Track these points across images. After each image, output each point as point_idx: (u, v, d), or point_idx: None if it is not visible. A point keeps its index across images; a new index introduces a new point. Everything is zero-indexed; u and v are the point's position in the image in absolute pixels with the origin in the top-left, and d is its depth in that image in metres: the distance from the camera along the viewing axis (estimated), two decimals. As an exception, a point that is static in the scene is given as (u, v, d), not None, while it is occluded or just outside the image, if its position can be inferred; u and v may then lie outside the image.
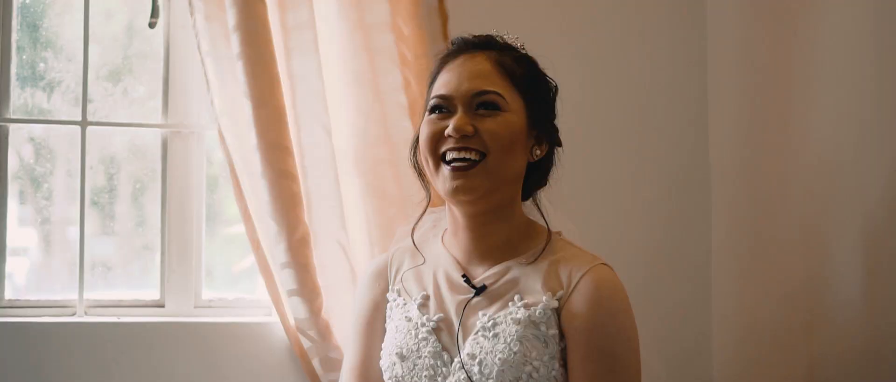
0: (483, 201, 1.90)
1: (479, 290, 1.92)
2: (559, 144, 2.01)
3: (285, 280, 2.47)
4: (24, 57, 2.67)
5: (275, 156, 2.45)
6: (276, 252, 2.47)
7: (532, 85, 1.94)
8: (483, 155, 1.87)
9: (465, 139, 1.87)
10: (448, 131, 1.88)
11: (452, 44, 2.00)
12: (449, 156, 1.89)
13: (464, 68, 1.92)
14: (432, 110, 1.94)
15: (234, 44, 2.45)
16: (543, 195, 2.03)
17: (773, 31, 2.63)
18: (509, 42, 1.99)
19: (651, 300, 2.73)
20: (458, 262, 1.97)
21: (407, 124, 2.55)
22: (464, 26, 2.21)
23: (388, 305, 2.03)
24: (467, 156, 1.88)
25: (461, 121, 1.88)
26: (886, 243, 2.27)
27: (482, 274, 1.94)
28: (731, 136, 2.79)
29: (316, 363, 2.48)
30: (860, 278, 2.34)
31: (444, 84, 1.93)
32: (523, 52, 1.99)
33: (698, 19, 2.87)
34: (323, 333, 2.48)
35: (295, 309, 2.48)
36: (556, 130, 2.00)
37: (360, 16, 2.55)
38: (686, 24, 2.87)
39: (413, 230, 2.05)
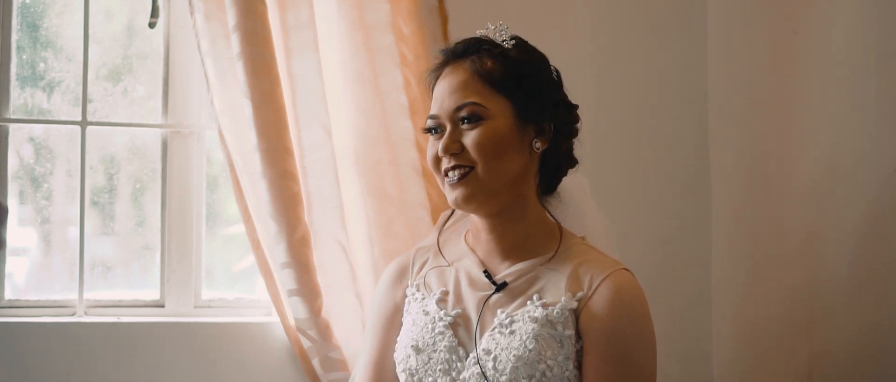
0: (486, 207, 1.93)
1: (500, 287, 1.93)
2: (571, 123, 1.99)
3: (285, 280, 2.47)
4: (24, 57, 2.67)
5: (275, 156, 2.45)
6: (276, 252, 2.47)
7: (515, 81, 1.93)
8: (473, 168, 1.90)
9: (454, 157, 1.91)
10: (438, 151, 1.93)
11: (441, 54, 2.01)
12: (448, 173, 1.93)
13: (445, 83, 1.95)
14: (428, 131, 1.97)
15: (234, 44, 2.45)
16: (575, 187, 2.03)
17: (773, 31, 2.63)
18: (493, 38, 1.97)
19: (651, 300, 2.72)
20: (481, 260, 1.99)
21: (407, 124, 2.55)
22: (464, 26, 2.22)
23: (406, 300, 2.05)
24: (461, 171, 1.91)
25: (446, 142, 1.92)
26: (886, 242, 2.27)
27: (503, 272, 1.96)
28: (731, 136, 2.79)
29: (316, 363, 2.48)
30: (860, 278, 2.34)
31: (434, 103, 1.97)
32: (508, 45, 1.96)
33: (698, 19, 2.87)
34: (323, 333, 2.48)
35: (295, 309, 2.48)
36: (561, 112, 1.97)
37: (360, 16, 2.55)
38: (686, 24, 2.87)
39: (440, 232, 2.07)
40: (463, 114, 1.91)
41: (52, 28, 2.71)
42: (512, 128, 1.91)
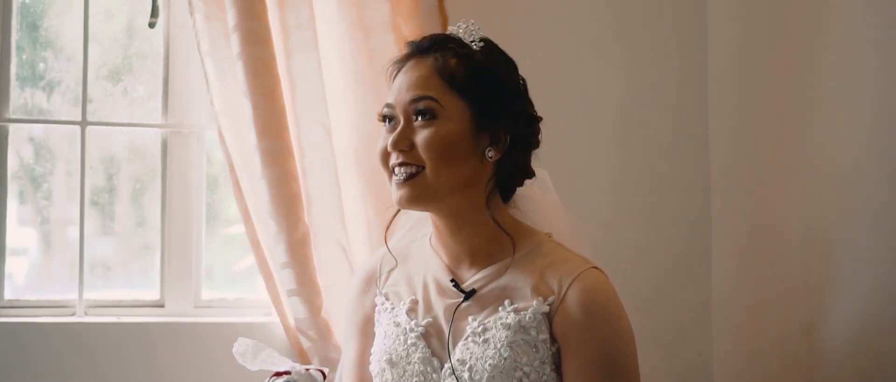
0: (433, 208, 1.89)
1: (469, 295, 1.90)
2: (529, 135, 1.92)
3: (285, 279, 2.47)
4: (24, 57, 2.67)
5: (275, 156, 2.45)
6: (276, 252, 2.47)
7: (477, 84, 1.87)
8: (421, 168, 1.86)
9: (402, 153, 1.86)
10: (388, 146, 1.88)
11: (407, 46, 1.96)
12: (395, 170, 1.88)
13: (406, 76, 1.89)
14: (382, 119, 1.92)
15: (234, 44, 2.45)
16: (536, 187, 1.99)
17: (774, 32, 2.63)
18: (462, 37, 1.92)
19: (651, 301, 2.73)
20: (447, 266, 1.95)
21: (407, 124, 2.55)
22: (464, 26, 2.21)
23: (376, 310, 2.01)
24: (408, 170, 1.86)
25: (398, 137, 1.86)
26: (887, 242, 2.27)
27: (471, 278, 1.92)
28: (731, 136, 2.79)
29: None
30: (861, 278, 2.34)
31: (391, 92, 1.91)
32: (476, 47, 1.91)
33: (698, 20, 2.87)
34: (323, 333, 2.48)
35: (295, 309, 2.48)
36: (521, 123, 1.91)
37: (360, 16, 2.55)
38: (686, 25, 2.87)
39: (386, 234, 2.01)
40: (419, 106, 1.86)
41: (51, 28, 2.71)
42: (466, 132, 1.86)
